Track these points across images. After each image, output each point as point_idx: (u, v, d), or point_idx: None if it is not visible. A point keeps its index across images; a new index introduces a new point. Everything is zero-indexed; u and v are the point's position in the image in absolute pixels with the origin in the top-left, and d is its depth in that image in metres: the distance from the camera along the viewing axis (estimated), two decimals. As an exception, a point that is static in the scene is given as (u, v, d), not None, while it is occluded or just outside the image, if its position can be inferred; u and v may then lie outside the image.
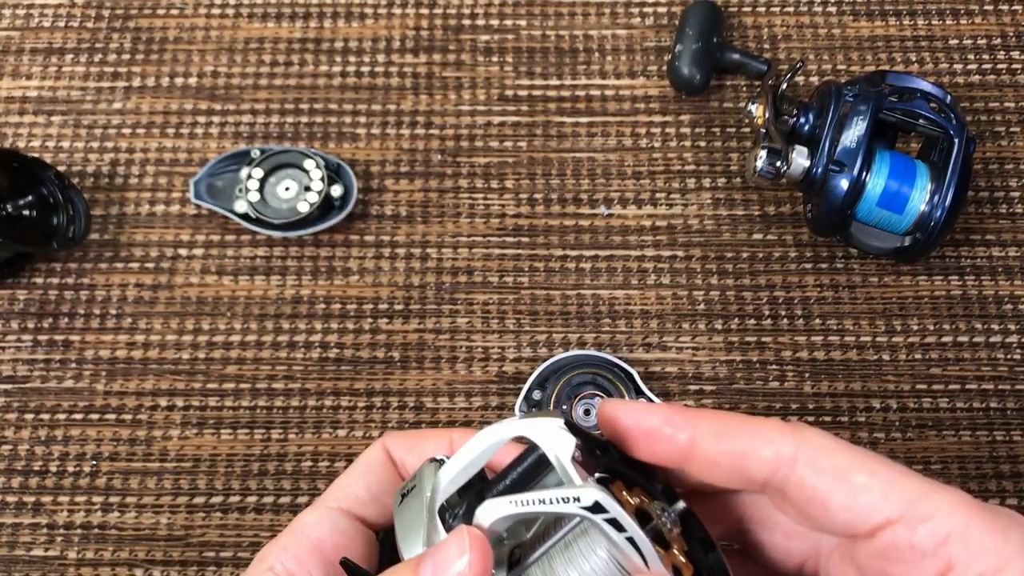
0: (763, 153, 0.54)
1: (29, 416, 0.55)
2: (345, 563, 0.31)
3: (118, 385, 0.56)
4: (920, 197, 0.52)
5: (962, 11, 0.65)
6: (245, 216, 0.57)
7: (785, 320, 0.57)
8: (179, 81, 0.63)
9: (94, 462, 0.54)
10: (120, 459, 0.54)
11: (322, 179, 0.57)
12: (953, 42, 0.64)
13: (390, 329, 0.57)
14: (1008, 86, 0.63)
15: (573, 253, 0.59)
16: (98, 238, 0.59)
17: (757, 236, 0.59)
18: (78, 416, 0.55)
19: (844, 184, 0.52)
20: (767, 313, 0.57)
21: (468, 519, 0.26)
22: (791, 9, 0.65)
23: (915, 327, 0.57)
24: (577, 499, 0.24)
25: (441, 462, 0.28)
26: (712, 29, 0.61)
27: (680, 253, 0.59)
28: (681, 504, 0.25)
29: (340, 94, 0.63)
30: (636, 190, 0.60)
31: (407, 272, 0.58)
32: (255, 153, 0.58)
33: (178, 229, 0.59)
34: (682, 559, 0.24)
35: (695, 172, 0.61)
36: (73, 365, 0.56)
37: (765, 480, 0.25)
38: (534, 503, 0.24)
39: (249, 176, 0.57)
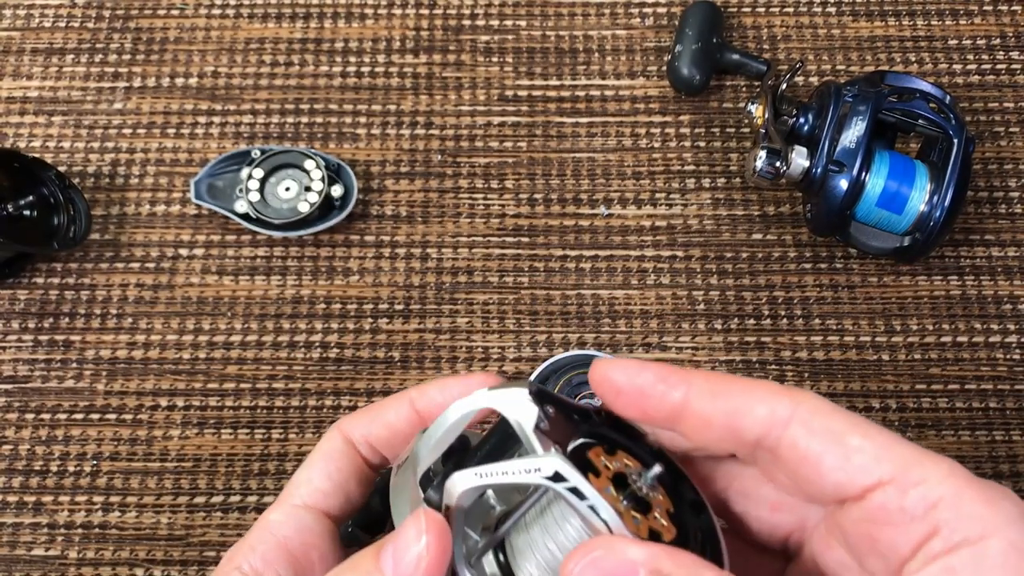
0: (763, 153, 0.54)
1: (30, 416, 0.55)
2: (346, 528, 0.32)
3: (119, 385, 0.56)
4: (919, 197, 0.52)
5: (962, 11, 0.65)
6: (245, 216, 0.57)
7: (785, 320, 0.57)
8: (179, 81, 0.63)
9: (95, 462, 0.54)
10: (120, 459, 0.54)
11: (322, 179, 0.57)
12: (953, 42, 0.64)
13: (390, 329, 0.57)
14: (1008, 86, 0.63)
15: (573, 253, 0.59)
16: (98, 238, 0.59)
17: (757, 236, 0.59)
18: (79, 416, 0.55)
19: (843, 184, 0.52)
20: (767, 313, 0.57)
21: (442, 488, 0.26)
22: (791, 9, 0.65)
23: (915, 327, 0.57)
24: (538, 469, 0.24)
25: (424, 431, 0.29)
26: (712, 29, 0.61)
27: (680, 253, 0.59)
28: (658, 468, 0.25)
29: (340, 94, 0.63)
30: (636, 190, 0.60)
31: (407, 272, 0.58)
32: (255, 153, 0.58)
33: (178, 229, 0.59)
34: (664, 522, 0.24)
35: (695, 172, 0.61)
36: (74, 365, 0.56)
37: (757, 439, 0.25)
38: (498, 474, 0.25)
39: (249, 176, 0.57)
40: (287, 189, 0.58)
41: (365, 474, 0.33)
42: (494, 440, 0.27)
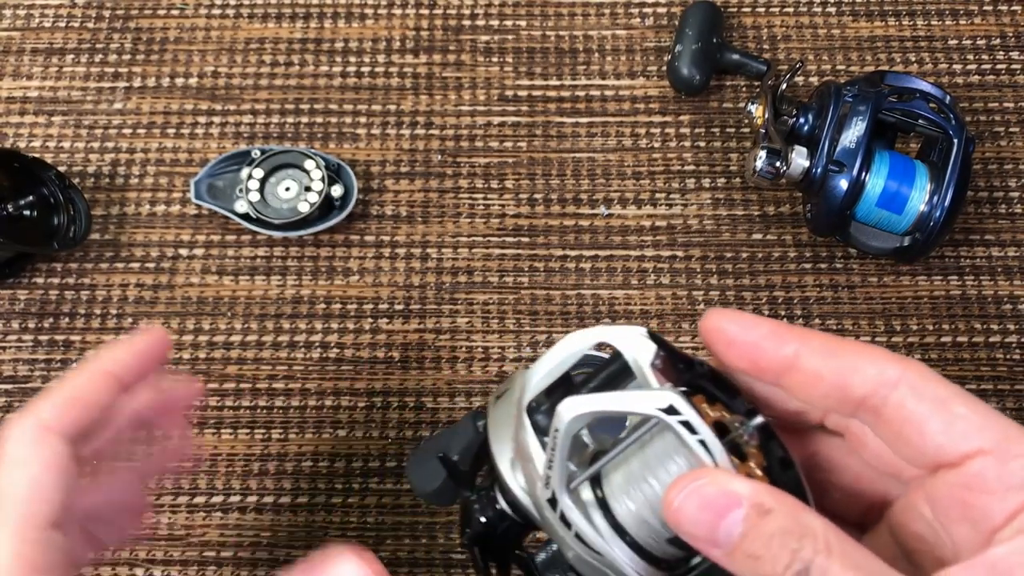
0: (763, 153, 0.54)
1: (29, 416, 0.55)
2: (444, 460, 0.33)
3: (118, 385, 0.56)
4: (919, 197, 0.52)
5: (962, 11, 0.65)
6: (245, 216, 0.57)
7: (785, 320, 0.57)
8: (179, 81, 0.63)
9: (94, 462, 0.54)
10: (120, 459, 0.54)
11: (322, 179, 0.57)
12: (953, 42, 0.64)
13: (390, 329, 0.57)
14: (1008, 86, 0.63)
15: (573, 253, 0.59)
16: (99, 238, 0.59)
17: (757, 236, 0.59)
18: (78, 416, 0.55)
19: (843, 184, 0.52)
20: (767, 313, 0.57)
21: (551, 415, 0.27)
22: (791, 9, 0.65)
23: (915, 327, 0.57)
24: (652, 400, 0.25)
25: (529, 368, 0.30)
26: (712, 29, 0.61)
27: (680, 253, 0.59)
28: (760, 419, 0.26)
29: (340, 94, 0.63)
30: (636, 190, 0.60)
31: (407, 272, 0.58)
32: (255, 153, 0.58)
33: (178, 229, 0.59)
34: (758, 472, 0.25)
35: (695, 172, 0.61)
36: (74, 365, 0.56)
37: (863, 398, 0.26)
38: (611, 401, 0.25)
39: (249, 176, 0.57)
40: (287, 189, 0.58)
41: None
42: (605, 375, 0.28)
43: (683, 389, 0.25)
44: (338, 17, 0.65)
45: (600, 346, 0.29)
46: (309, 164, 0.57)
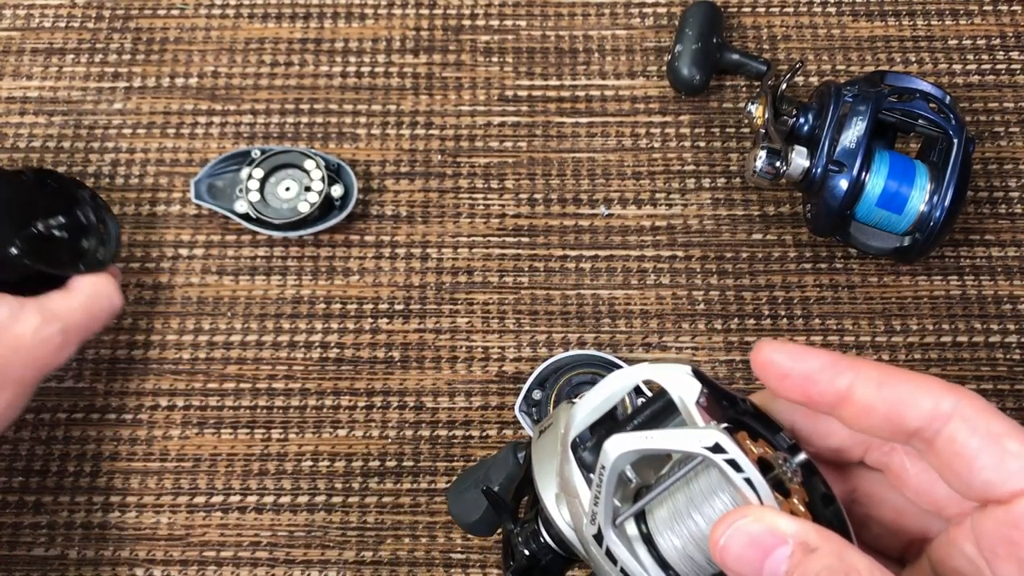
0: (762, 153, 0.54)
1: (29, 416, 0.55)
2: (487, 492, 0.33)
3: (118, 385, 0.56)
4: (919, 197, 0.52)
5: (962, 11, 0.65)
6: (245, 216, 0.57)
7: (785, 320, 0.57)
8: (179, 81, 0.63)
9: (95, 462, 0.54)
10: (120, 459, 0.54)
11: (322, 179, 0.57)
12: (953, 42, 0.64)
13: (390, 329, 0.57)
14: (1008, 86, 0.63)
15: (573, 253, 0.59)
16: (98, 238, 0.59)
17: (757, 236, 0.59)
18: (78, 416, 0.55)
19: (843, 184, 0.52)
20: (767, 313, 0.57)
21: (597, 452, 0.27)
22: (791, 9, 0.65)
23: (915, 327, 0.57)
24: (698, 439, 0.25)
25: (574, 403, 0.30)
26: (712, 29, 0.61)
27: (680, 253, 0.59)
28: (803, 455, 0.26)
29: (340, 94, 0.63)
30: (636, 190, 0.60)
31: (407, 272, 0.58)
32: (255, 153, 0.58)
33: (178, 229, 0.59)
34: (801, 508, 0.25)
35: (695, 172, 0.61)
36: (73, 365, 0.56)
37: (917, 430, 0.26)
38: (657, 439, 0.26)
39: (249, 176, 0.57)
40: (287, 189, 0.58)
41: None
42: (648, 412, 0.28)
43: (727, 426, 0.26)
44: (338, 17, 0.65)
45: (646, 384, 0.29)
46: (309, 164, 0.57)
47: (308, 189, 0.57)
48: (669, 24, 0.65)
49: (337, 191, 0.57)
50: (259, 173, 0.57)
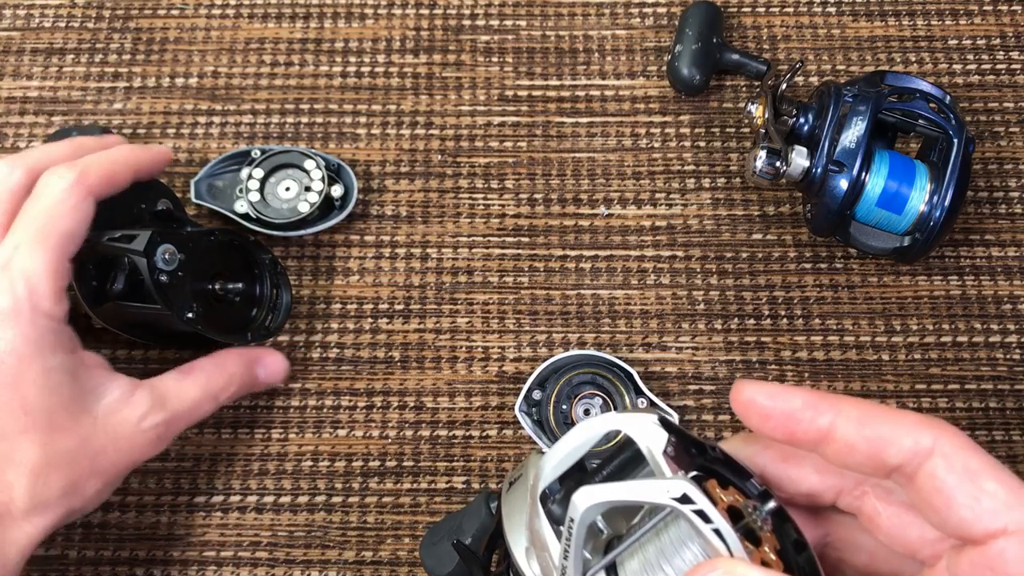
0: (762, 153, 0.54)
1: (29, 416, 0.55)
2: (458, 546, 0.33)
3: (118, 385, 0.56)
4: (919, 197, 0.52)
5: (962, 11, 0.65)
6: (245, 216, 0.57)
7: (785, 320, 0.57)
8: (179, 81, 0.63)
9: None
10: (120, 459, 0.54)
11: (322, 179, 0.57)
12: (953, 42, 0.64)
13: (390, 329, 0.57)
14: (1008, 86, 0.63)
15: (573, 253, 0.59)
16: (98, 238, 0.59)
17: (757, 236, 0.59)
18: (78, 416, 0.55)
19: (843, 184, 0.52)
20: (767, 313, 0.57)
21: (566, 504, 0.27)
22: (791, 9, 0.65)
23: (915, 327, 0.57)
24: (666, 490, 0.25)
25: (543, 453, 0.30)
26: (712, 29, 0.61)
27: (680, 253, 0.59)
28: (773, 503, 0.26)
29: (340, 94, 0.63)
30: (636, 190, 0.60)
31: (407, 272, 0.58)
32: (255, 153, 0.58)
33: (178, 229, 0.59)
34: (772, 556, 0.25)
35: (695, 172, 0.61)
36: (73, 365, 0.56)
37: (898, 466, 0.26)
38: (625, 492, 0.26)
39: (249, 176, 0.57)
40: (287, 189, 0.58)
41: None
42: (617, 462, 0.28)
43: (695, 474, 0.26)
44: (338, 17, 0.65)
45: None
46: (309, 164, 0.57)
47: (308, 189, 0.57)
48: (669, 24, 0.65)
49: (337, 191, 0.57)
50: (259, 173, 0.57)
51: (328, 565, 0.52)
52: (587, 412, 0.53)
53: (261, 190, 0.57)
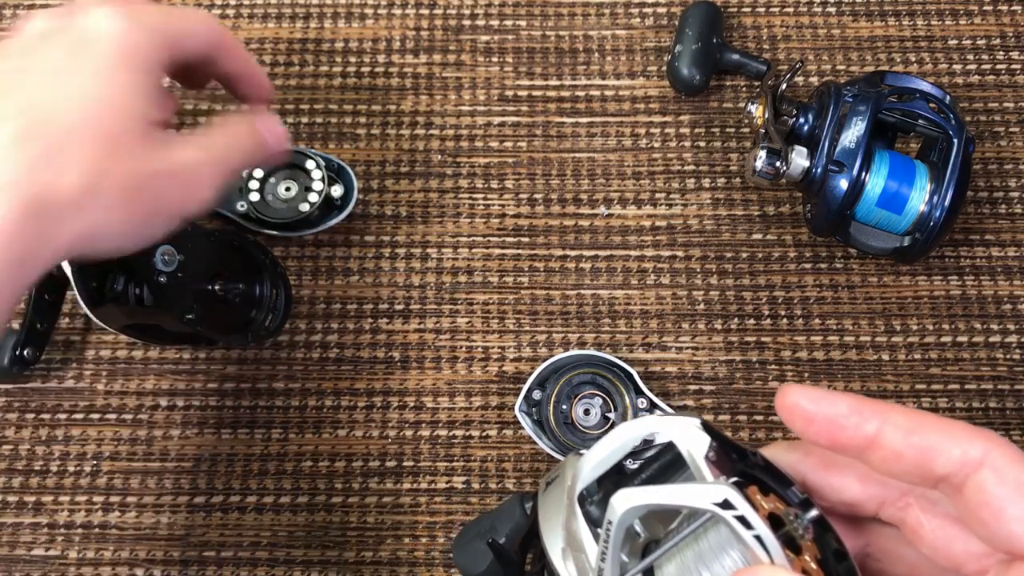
0: (762, 153, 0.54)
1: (30, 416, 0.55)
2: (493, 545, 0.32)
3: (118, 385, 0.56)
4: (919, 197, 0.52)
5: (962, 11, 0.65)
6: (245, 216, 0.57)
7: (785, 320, 0.57)
8: (179, 81, 0.63)
9: (94, 462, 0.54)
10: (120, 459, 0.54)
11: (322, 179, 0.57)
12: (953, 42, 0.64)
13: (390, 329, 0.57)
14: (1008, 86, 0.63)
15: (573, 253, 0.59)
16: (98, 238, 0.59)
17: (757, 236, 0.59)
18: (79, 416, 0.55)
19: (843, 184, 0.52)
20: (767, 313, 0.57)
21: (604, 506, 0.27)
22: (791, 9, 0.65)
23: (915, 327, 0.57)
24: (707, 494, 0.25)
25: (582, 455, 0.30)
26: (712, 29, 0.61)
27: (680, 253, 0.59)
28: (815, 511, 0.26)
29: (340, 94, 0.63)
30: (636, 190, 0.60)
31: (407, 272, 0.58)
32: (255, 153, 0.58)
33: (178, 229, 0.59)
34: (813, 565, 0.25)
35: (695, 172, 0.61)
36: (73, 365, 0.56)
37: (945, 476, 0.26)
38: (666, 495, 0.25)
39: (250, 176, 0.57)
40: (287, 189, 0.58)
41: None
42: (656, 465, 0.28)
43: (736, 480, 0.25)
44: (338, 17, 0.65)
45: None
46: (309, 164, 0.57)
47: (308, 189, 0.57)
48: (669, 24, 0.65)
49: (337, 191, 0.57)
50: (259, 173, 0.57)
51: (328, 565, 0.52)
52: (587, 412, 0.53)
53: (261, 190, 0.57)
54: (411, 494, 0.53)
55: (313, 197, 0.57)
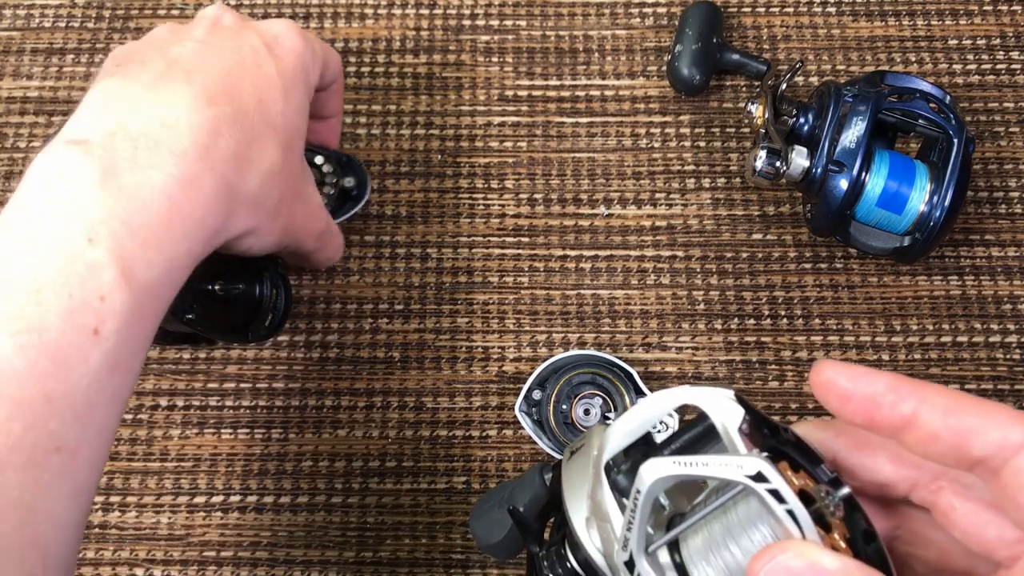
0: (762, 153, 0.54)
1: (29, 416, 0.55)
2: (513, 512, 0.32)
3: (118, 385, 0.55)
4: (919, 197, 0.52)
5: (962, 11, 0.65)
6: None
7: (785, 320, 0.57)
8: (179, 81, 0.63)
9: None
10: (120, 459, 0.54)
11: (333, 172, 0.56)
12: (953, 42, 0.64)
13: (390, 329, 0.57)
14: (1008, 86, 0.63)
15: (573, 253, 0.59)
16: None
17: (757, 236, 0.59)
18: (78, 416, 0.55)
19: (843, 184, 0.52)
20: (767, 313, 0.57)
21: (631, 476, 0.26)
22: (791, 9, 0.65)
23: (915, 327, 0.57)
24: (740, 466, 0.24)
25: (608, 424, 0.29)
26: (712, 29, 0.61)
27: (680, 253, 0.59)
28: (845, 489, 0.25)
29: (340, 94, 0.63)
30: (636, 190, 0.60)
31: (407, 272, 0.58)
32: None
33: (178, 229, 0.59)
34: (842, 544, 0.24)
35: (695, 172, 0.61)
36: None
37: (982, 459, 0.25)
38: (696, 465, 0.25)
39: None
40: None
41: None
42: (687, 437, 0.28)
43: (768, 455, 0.25)
44: (338, 17, 0.65)
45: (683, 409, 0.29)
46: (318, 159, 0.57)
47: (321, 183, 0.57)
48: (669, 24, 0.65)
49: (349, 182, 0.56)
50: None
51: (328, 565, 0.52)
52: (587, 412, 0.53)
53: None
54: (411, 494, 0.53)
55: (328, 190, 0.56)
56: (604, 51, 0.64)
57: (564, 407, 0.53)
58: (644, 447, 0.29)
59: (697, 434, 0.28)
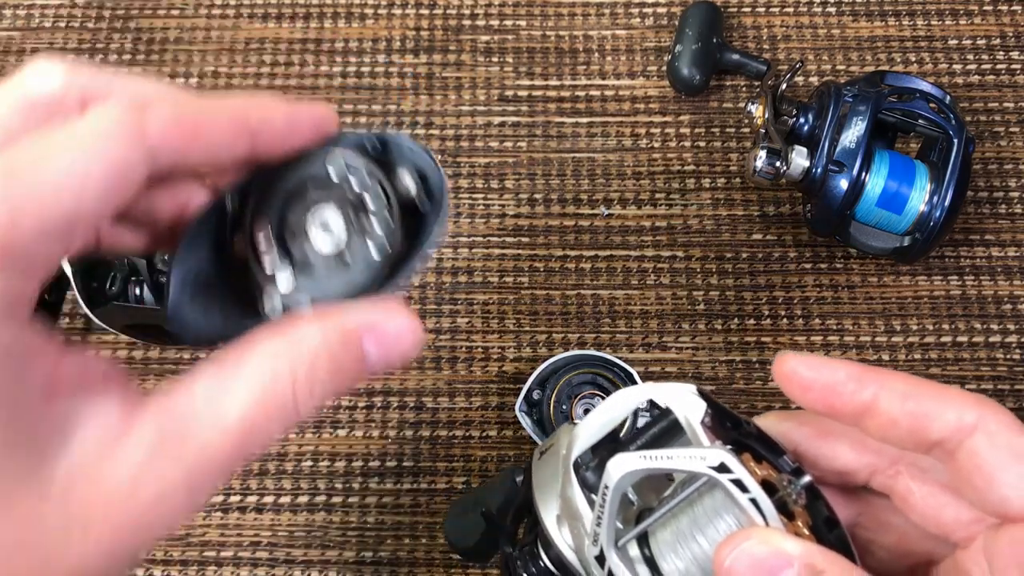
0: (762, 153, 0.54)
1: (30, 416, 0.55)
2: (486, 515, 0.32)
3: (118, 385, 0.56)
4: (919, 197, 0.52)
5: (962, 11, 0.65)
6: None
7: (785, 320, 0.57)
8: (180, 81, 0.63)
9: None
10: (120, 459, 0.54)
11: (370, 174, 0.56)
12: (953, 42, 0.64)
13: (390, 329, 0.57)
14: (1008, 86, 0.63)
15: (573, 253, 0.59)
16: (98, 238, 0.59)
17: (757, 236, 0.59)
18: (78, 416, 0.55)
19: (843, 184, 0.52)
20: (767, 313, 0.57)
21: (599, 472, 0.27)
22: (791, 9, 0.65)
23: (915, 327, 0.57)
24: (703, 458, 0.25)
25: (576, 424, 0.30)
26: (712, 29, 0.61)
27: (680, 253, 0.59)
28: (807, 478, 0.26)
29: (340, 94, 0.63)
30: (636, 190, 0.60)
31: (407, 272, 0.58)
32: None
33: (178, 229, 0.59)
34: (805, 531, 0.25)
35: (695, 172, 0.61)
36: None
37: (939, 441, 0.26)
38: (662, 459, 0.25)
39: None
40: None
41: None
42: (652, 432, 0.28)
43: (730, 448, 0.25)
44: (338, 17, 0.65)
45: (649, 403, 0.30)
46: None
47: (365, 211, 0.56)
48: (669, 24, 0.65)
49: (406, 180, 0.56)
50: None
51: (328, 565, 0.52)
52: (587, 412, 0.53)
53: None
54: (411, 494, 0.53)
55: (380, 210, 0.56)
56: (604, 51, 0.64)
57: (564, 407, 0.53)
58: (611, 444, 0.29)
59: (662, 429, 0.28)
